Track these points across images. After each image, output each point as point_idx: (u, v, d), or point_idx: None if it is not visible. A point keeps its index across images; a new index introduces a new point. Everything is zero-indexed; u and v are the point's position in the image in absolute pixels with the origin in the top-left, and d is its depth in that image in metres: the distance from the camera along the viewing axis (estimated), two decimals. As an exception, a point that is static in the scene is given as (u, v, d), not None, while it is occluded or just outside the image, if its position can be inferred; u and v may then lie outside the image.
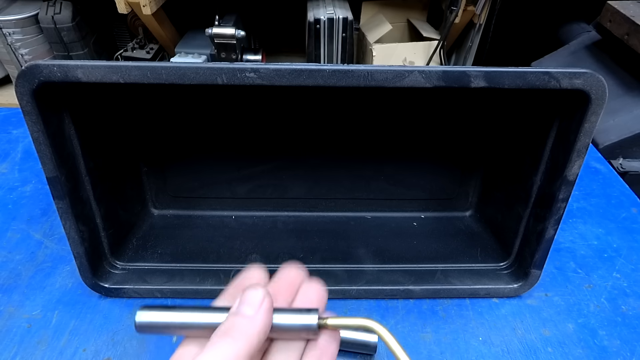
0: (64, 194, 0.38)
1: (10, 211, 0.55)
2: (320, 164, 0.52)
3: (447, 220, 0.55)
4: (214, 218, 0.54)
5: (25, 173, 0.61)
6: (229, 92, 0.46)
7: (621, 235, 0.55)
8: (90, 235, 0.42)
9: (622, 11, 1.00)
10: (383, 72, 0.33)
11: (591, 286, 0.48)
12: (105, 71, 0.33)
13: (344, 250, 0.50)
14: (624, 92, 1.00)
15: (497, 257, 0.49)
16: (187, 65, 0.33)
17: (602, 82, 0.34)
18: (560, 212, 0.40)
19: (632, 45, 0.97)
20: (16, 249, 0.50)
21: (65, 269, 0.48)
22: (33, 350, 0.40)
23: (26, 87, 0.33)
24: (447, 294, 0.46)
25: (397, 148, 0.51)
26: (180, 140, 0.49)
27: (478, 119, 0.48)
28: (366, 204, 0.55)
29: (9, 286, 0.46)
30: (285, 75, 0.33)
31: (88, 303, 0.45)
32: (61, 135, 0.38)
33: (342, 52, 1.41)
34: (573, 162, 0.37)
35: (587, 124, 0.36)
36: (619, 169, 0.95)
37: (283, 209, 0.55)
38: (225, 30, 1.20)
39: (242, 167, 0.52)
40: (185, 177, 0.52)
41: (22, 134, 0.68)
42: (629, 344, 0.43)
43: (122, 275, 0.46)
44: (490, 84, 0.34)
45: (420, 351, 0.41)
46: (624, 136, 0.94)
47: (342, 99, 0.46)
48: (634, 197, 0.61)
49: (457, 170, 0.53)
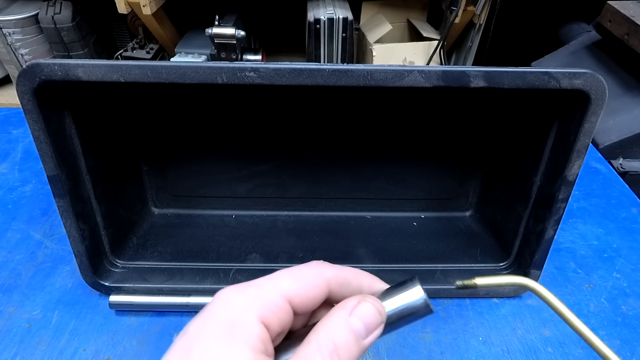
0: (64, 193, 0.38)
1: (10, 211, 0.55)
2: (321, 163, 0.52)
3: (447, 220, 0.55)
4: (214, 217, 0.54)
5: (25, 173, 0.61)
6: (229, 92, 0.46)
7: (621, 235, 0.55)
8: (90, 233, 0.42)
9: (622, 11, 1.00)
10: (383, 71, 0.33)
11: (591, 286, 0.48)
12: (106, 70, 0.33)
13: (344, 249, 0.50)
14: (624, 92, 1.00)
15: (496, 257, 0.49)
16: (187, 64, 0.33)
17: (602, 82, 0.34)
18: (560, 212, 0.40)
19: (632, 45, 0.97)
20: (16, 249, 0.50)
21: (65, 269, 0.48)
22: (33, 350, 0.40)
23: (27, 86, 0.33)
24: (447, 294, 0.46)
25: (397, 148, 0.51)
26: (180, 139, 0.49)
27: (478, 119, 0.48)
28: (366, 204, 0.55)
29: (9, 286, 0.46)
30: (285, 75, 0.33)
31: (88, 303, 0.45)
32: (62, 134, 0.38)
33: (342, 52, 1.41)
34: (573, 162, 0.37)
35: (587, 124, 0.36)
36: (619, 169, 0.95)
37: (283, 209, 0.55)
38: (225, 30, 1.20)
39: (242, 166, 0.52)
40: (185, 176, 0.53)
41: (23, 134, 0.68)
42: (629, 344, 0.43)
43: (123, 273, 0.46)
44: (490, 83, 0.34)
45: (420, 351, 0.41)
46: (624, 136, 0.94)
47: (342, 98, 0.47)
48: (634, 197, 0.61)
49: (457, 170, 0.53)
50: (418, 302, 0.24)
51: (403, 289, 0.24)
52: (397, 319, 0.24)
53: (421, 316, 0.24)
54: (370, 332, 0.22)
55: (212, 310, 0.21)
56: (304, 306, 0.23)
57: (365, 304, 0.23)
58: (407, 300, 0.24)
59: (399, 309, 0.24)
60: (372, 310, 0.23)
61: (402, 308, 0.24)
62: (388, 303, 0.24)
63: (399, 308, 0.24)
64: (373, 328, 0.22)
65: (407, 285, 0.24)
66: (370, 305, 0.23)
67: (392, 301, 0.24)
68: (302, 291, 0.23)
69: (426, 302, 0.24)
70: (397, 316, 0.24)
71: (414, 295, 0.24)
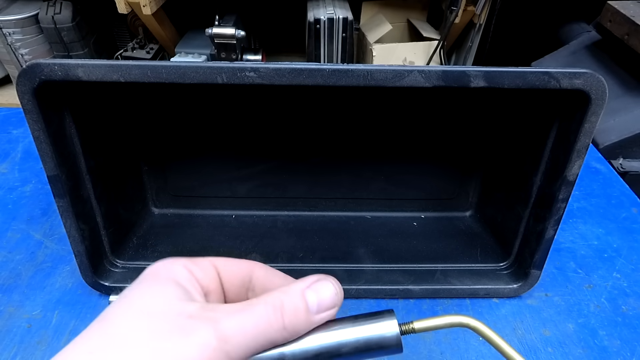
0: (64, 193, 0.38)
1: (10, 211, 0.55)
2: (320, 163, 0.52)
3: (447, 221, 0.55)
4: (214, 217, 0.54)
5: (25, 173, 0.61)
6: (229, 92, 0.46)
7: (621, 235, 0.55)
8: (90, 233, 0.42)
9: (622, 11, 1.00)
10: (382, 71, 0.33)
11: (591, 286, 0.48)
12: (106, 70, 0.33)
13: (344, 249, 0.50)
14: (624, 92, 1.00)
15: (497, 257, 0.49)
16: (187, 64, 0.33)
17: (602, 82, 0.34)
18: (560, 213, 0.40)
19: (632, 45, 0.97)
20: (16, 249, 0.50)
21: (65, 268, 0.48)
22: (33, 350, 0.40)
23: (27, 86, 0.33)
24: (446, 294, 0.46)
25: (397, 148, 0.51)
26: (180, 139, 0.49)
27: (478, 120, 0.48)
28: (366, 204, 0.55)
29: (9, 286, 0.46)
30: (285, 75, 0.33)
31: (88, 303, 0.45)
32: (62, 134, 0.38)
33: (342, 52, 1.41)
34: (573, 162, 0.37)
35: (587, 124, 0.36)
36: (619, 169, 0.95)
37: (283, 209, 0.55)
38: (225, 30, 1.20)
39: (242, 166, 0.52)
40: (185, 176, 0.52)
41: (22, 134, 0.68)
42: (629, 344, 0.43)
43: (123, 273, 0.46)
44: (490, 83, 0.34)
45: (420, 351, 0.41)
46: (624, 136, 0.94)
47: (342, 98, 0.47)
48: (634, 197, 0.61)
49: (457, 170, 0.53)
50: (390, 335, 0.23)
51: (379, 318, 0.23)
52: (364, 347, 0.23)
53: (389, 352, 0.23)
54: (322, 310, 0.22)
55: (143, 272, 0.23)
56: (227, 273, 0.24)
57: (326, 282, 0.23)
58: (380, 330, 0.23)
59: (368, 338, 0.23)
60: (330, 290, 0.22)
61: (373, 337, 0.23)
62: (360, 329, 0.23)
63: (369, 337, 0.23)
64: (326, 307, 0.22)
65: (383, 316, 0.23)
66: (330, 285, 0.23)
67: (364, 327, 0.23)
68: (228, 262, 0.24)
69: (398, 338, 0.23)
70: (364, 344, 0.23)
71: (388, 328, 0.23)
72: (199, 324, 0.19)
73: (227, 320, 0.20)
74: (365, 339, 0.23)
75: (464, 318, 0.23)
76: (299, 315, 0.21)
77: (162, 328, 0.19)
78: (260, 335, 0.20)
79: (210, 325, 0.19)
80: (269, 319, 0.20)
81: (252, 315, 0.20)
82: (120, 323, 0.19)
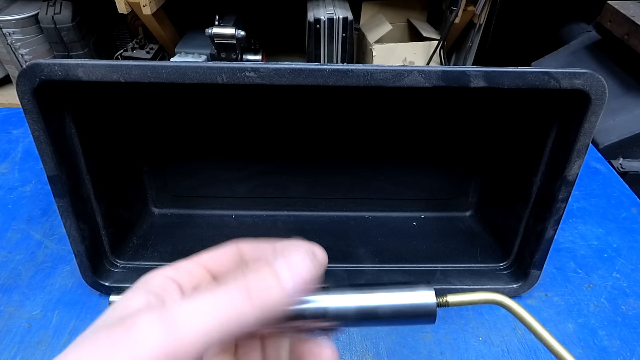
0: (64, 193, 0.38)
1: (10, 211, 0.55)
2: (320, 163, 0.52)
3: (447, 221, 0.55)
4: (214, 217, 0.54)
5: (25, 173, 0.61)
6: (229, 92, 0.46)
7: (621, 235, 0.55)
8: (90, 233, 0.42)
9: (622, 11, 1.00)
10: (382, 71, 0.33)
11: (591, 286, 0.48)
12: (106, 70, 0.33)
13: (344, 249, 0.50)
14: (624, 92, 1.00)
15: (496, 257, 0.49)
16: (187, 64, 0.33)
17: (602, 82, 0.34)
18: (560, 212, 0.40)
19: (632, 45, 0.97)
20: (16, 249, 0.50)
21: (65, 268, 0.48)
22: (33, 350, 0.40)
23: (27, 86, 0.33)
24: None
25: (397, 148, 0.51)
26: (180, 139, 0.49)
27: (478, 120, 0.48)
28: (366, 204, 0.55)
29: (9, 286, 0.46)
30: (285, 75, 0.33)
31: (88, 303, 0.45)
32: (62, 134, 0.38)
33: (342, 52, 1.41)
34: (573, 162, 0.37)
35: (587, 124, 0.36)
36: (619, 169, 0.95)
37: (283, 209, 0.55)
38: (225, 30, 1.20)
39: (242, 166, 0.52)
40: (185, 177, 0.52)
41: (23, 134, 0.68)
42: (629, 344, 0.43)
43: (123, 273, 0.46)
44: (489, 83, 0.34)
45: (420, 351, 0.41)
46: (624, 136, 0.94)
47: (342, 99, 0.47)
48: (634, 197, 0.61)
49: (457, 170, 0.53)
50: (427, 304, 0.23)
51: (417, 287, 0.24)
52: (400, 312, 0.23)
53: (422, 321, 0.24)
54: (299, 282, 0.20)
55: None
56: (216, 264, 0.24)
57: (298, 250, 0.22)
58: (418, 298, 0.23)
59: (406, 304, 0.23)
60: (303, 258, 0.21)
61: (410, 304, 0.23)
62: (399, 295, 0.23)
63: (407, 303, 0.23)
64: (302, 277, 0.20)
65: (421, 286, 0.24)
66: (303, 252, 0.21)
67: (404, 294, 0.23)
68: (213, 253, 0.24)
69: (434, 308, 0.23)
70: (401, 309, 0.23)
71: (426, 297, 0.23)
72: (143, 314, 0.18)
73: (177, 305, 0.18)
74: (403, 305, 0.23)
75: (497, 296, 0.23)
76: (271, 292, 0.19)
77: (104, 332, 0.18)
78: (222, 318, 0.18)
79: (155, 312, 0.18)
80: (233, 299, 0.19)
81: (211, 297, 0.19)
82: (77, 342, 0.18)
